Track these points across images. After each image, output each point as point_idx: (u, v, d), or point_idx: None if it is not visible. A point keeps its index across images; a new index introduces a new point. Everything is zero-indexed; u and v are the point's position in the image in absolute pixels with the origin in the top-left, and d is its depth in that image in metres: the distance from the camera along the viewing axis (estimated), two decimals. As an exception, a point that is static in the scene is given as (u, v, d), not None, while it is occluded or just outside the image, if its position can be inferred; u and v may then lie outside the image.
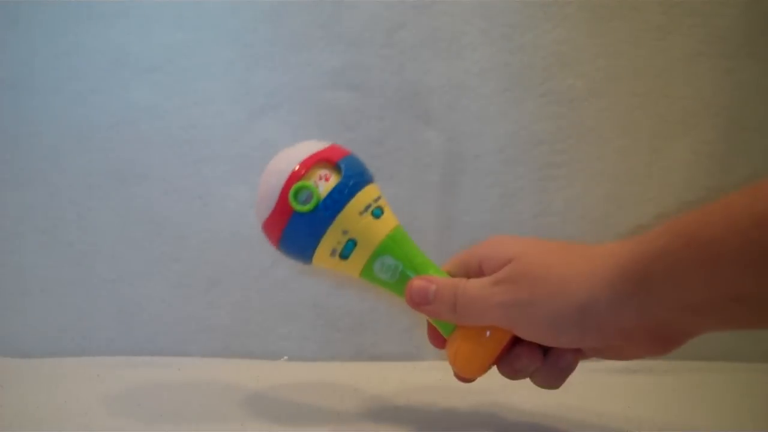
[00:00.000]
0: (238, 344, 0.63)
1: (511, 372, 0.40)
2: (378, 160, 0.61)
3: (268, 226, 0.43)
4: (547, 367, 0.40)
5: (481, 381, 0.58)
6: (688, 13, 0.59)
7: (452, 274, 0.42)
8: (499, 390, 0.55)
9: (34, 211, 0.61)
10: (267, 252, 0.62)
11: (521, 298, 0.37)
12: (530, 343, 0.39)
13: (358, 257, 0.42)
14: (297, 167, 0.42)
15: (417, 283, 0.41)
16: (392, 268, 0.42)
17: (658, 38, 0.59)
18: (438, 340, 0.43)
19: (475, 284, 0.39)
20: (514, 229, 0.62)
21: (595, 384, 0.56)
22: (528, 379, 0.42)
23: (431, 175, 0.61)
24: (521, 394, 0.53)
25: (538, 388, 0.53)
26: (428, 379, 0.58)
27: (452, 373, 0.43)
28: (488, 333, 0.39)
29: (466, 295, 0.39)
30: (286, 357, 0.63)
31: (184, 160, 0.61)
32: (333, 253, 0.42)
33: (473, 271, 0.41)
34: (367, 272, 0.42)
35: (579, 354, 0.40)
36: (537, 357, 0.39)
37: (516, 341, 0.40)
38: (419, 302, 0.41)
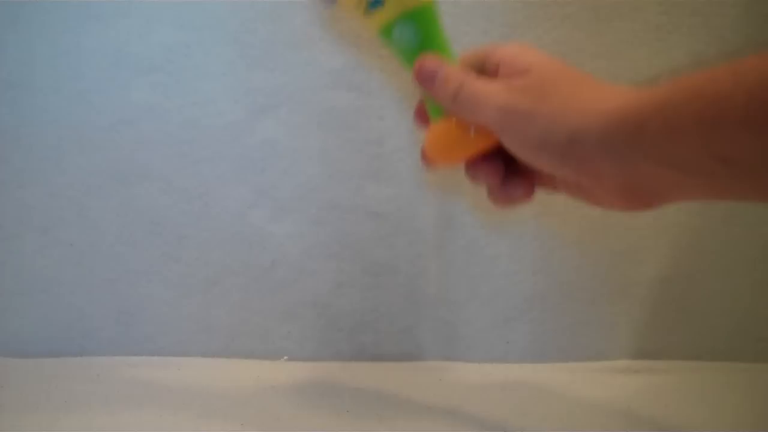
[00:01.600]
0: (238, 344, 0.63)
1: (471, 179, 0.41)
2: (378, 160, 0.61)
3: None
4: (501, 190, 0.41)
5: (481, 380, 0.58)
6: (689, 13, 0.58)
7: (466, 64, 0.41)
8: (499, 390, 0.55)
9: (34, 211, 0.61)
10: (267, 252, 0.62)
11: (522, 108, 0.37)
12: (494, 162, 0.40)
13: (383, 14, 0.41)
14: None
15: (429, 60, 0.41)
16: (412, 37, 0.41)
17: (658, 38, 0.59)
18: (422, 118, 0.44)
19: (483, 83, 0.39)
20: (514, 228, 0.62)
21: (595, 384, 0.56)
22: (527, 379, 0.42)
23: (431, 175, 0.61)
24: (522, 394, 0.53)
25: (539, 388, 0.53)
26: (428, 379, 0.58)
27: (419, 158, 0.43)
28: (473, 133, 0.39)
29: (470, 89, 0.39)
30: (286, 357, 0.63)
31: (184, 160, 0.61)
32: (360, 1, 0.40)
33: (489, 69, 0.40)
34: (385, 32, 0.41)
35: (531, 191, 0.41)
36: (495, 177, 0.40)
37: (486, 155, 0.40)
38: (424, 79, 0.40)
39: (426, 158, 0.43)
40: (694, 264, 0.63)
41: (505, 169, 0.40)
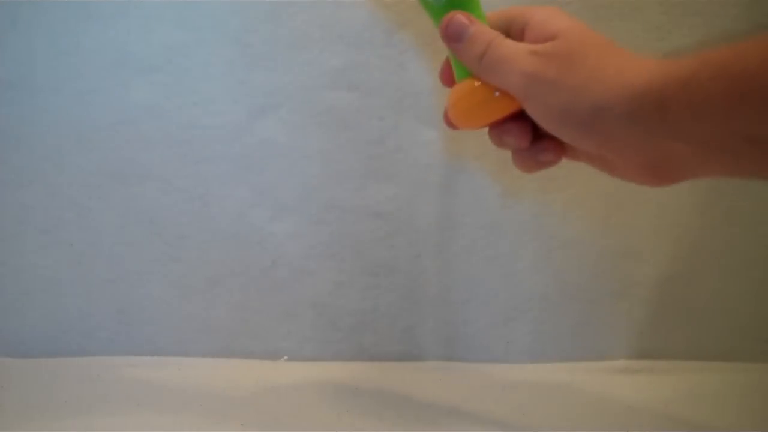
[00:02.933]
0: (238, 344, 0.63)
1: (497, 143, 0.41)
2: (378, 160, 0.61)
3: None
4: (529, 153, 0.40)
5: (481, 380, 0.58)
6: (689, 13, 0.58)
7: (493, 24, 0.41)
8: (499, 389, 0.55)
9: (34, 211, 0.61)
10: (267, 252, 0.62)
11: (547, 77, 0.36)
12: (524, 123, 0.39)
13: None
14: None
15: (459, 17, 0.40)
16: None
17: (658, 38, 0.59)
18: (448, 78, 0.43)
19: (510, 45, 0.38)
20: (514, 229, 0.62)
21: (595, 384, 0.56)
22: (528, 379, 0.42)
23: (431, 175, 0.61)
24: (522, 394, 0.53)
25: (539, 388, 0.53)
26: (428, 379, 0.58)
27: (443, 121, 0.43)
28: (497, 94, 0.39)
29: (497, 51, 0.38)
30: (286, 357, 0.63)
31: (184, 160, 0.60)
32: None
33: (515, 30, 0.40)
34: None
35: (562, 153, 0.40)
36: (524, 140, 0.39)
37: (514, 116, 0.39)
38: (452, 37, 0.40)
39: (448, 119, 0.42)
40: (694, 264, 0.63)
41: (533, 132, 0.39)
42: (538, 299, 0.63)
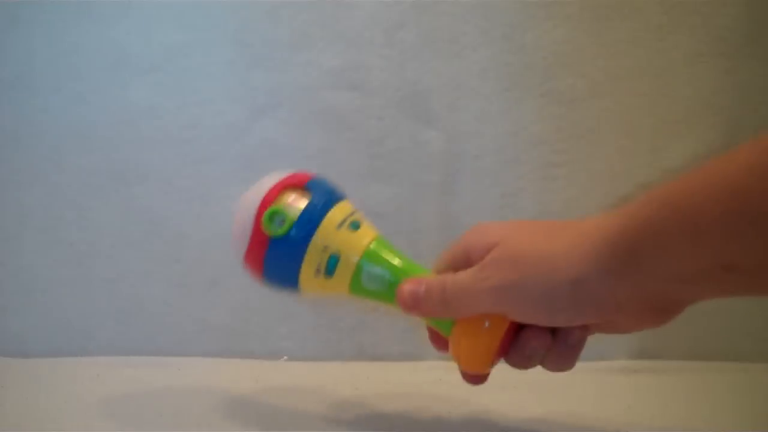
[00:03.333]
0: (238, 344, 0.63)
1: (522, 359, 0.39)
2: (378, 160, 0.61)
3: (249, 258, 0.43)
4: (558, 346, 0.38)
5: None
6: (688, 13, 0.59)
7: (442, 272, 0.41)
8: (499, 390, 0.55)
9: (34, 211, 0.61)
10: (267, 252, 0.62)
11: (511, 280, 0.36)
12: (536, 326, 0.38)
13: (344, 271, 0.42)
14: (265, 195, 0.43)
15: (406, 287, 0.40)
16: (379, 276, 0.41)
17: (658, 38, 0.59)
18: (440, 342, 0.42)
19: (462, 275, 0.38)
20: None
21: (595, 384, 0.56)
22: (527, 379, 0.42)
23: (431, 175, 0.61)
24: (522, 394, 0.53)
25: (538, 388, 0.53)
26: (428, 379, 0.58)
27: (460, 375, 0.42)
28: (487, 323, 0.38)
29: (455, 287, 0.38)
30: (286, 357, 0.63)
31: (184, 160, 0.61)
32: (317, 272, 0.42)
33: (461, 264, 0.40)
34: (355, 286, 0.42)
35: (586, 330, 0.38)
36: (546, 338, 0.38)
37: (521, 327, 0.38)
38: (412, 305, 0.40)
39: (468, 375, 0.42)
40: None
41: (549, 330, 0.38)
42: (538, 299, 0.63)
